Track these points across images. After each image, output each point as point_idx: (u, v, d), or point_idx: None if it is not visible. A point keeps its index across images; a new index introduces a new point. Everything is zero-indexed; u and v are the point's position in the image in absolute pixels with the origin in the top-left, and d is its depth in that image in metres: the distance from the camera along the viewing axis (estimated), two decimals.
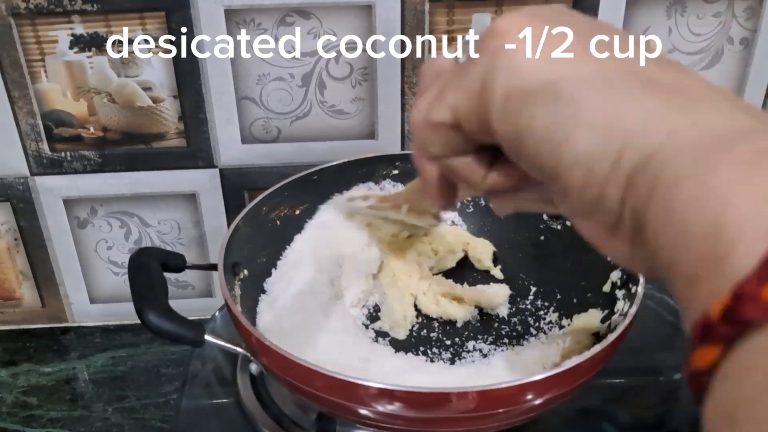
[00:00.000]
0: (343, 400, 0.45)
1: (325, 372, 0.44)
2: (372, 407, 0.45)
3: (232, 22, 0.65)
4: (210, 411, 0.61)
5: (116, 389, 0.71)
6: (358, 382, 0.44)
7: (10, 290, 0.79)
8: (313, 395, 0.47)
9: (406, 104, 0.71)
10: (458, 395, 0.43)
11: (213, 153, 0.72)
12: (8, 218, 0.74)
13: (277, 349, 0.46)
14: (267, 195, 0.63)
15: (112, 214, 0.75)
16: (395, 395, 0.43)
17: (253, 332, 0.48)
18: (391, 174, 0.68)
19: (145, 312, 0.49)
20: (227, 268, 0.55)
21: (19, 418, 0.68)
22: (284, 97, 0.69)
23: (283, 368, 0.47)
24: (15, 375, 0.73)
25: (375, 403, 0.44)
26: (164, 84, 0.68)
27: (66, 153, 0.71)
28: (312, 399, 0.48)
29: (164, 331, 0.50)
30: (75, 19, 0.64)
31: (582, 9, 0.66)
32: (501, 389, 0.43)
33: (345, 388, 0.44)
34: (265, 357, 0.48)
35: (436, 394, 0.43)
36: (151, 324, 0.49)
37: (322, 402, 0.47)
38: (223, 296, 0.52)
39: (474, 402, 0.43)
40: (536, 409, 0.46)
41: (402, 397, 0.43)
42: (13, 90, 0.67)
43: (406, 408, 0.44)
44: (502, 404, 0.44)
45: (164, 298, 0.52)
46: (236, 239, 0.58)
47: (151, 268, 0.55)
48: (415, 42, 0.67)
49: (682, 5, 0.67)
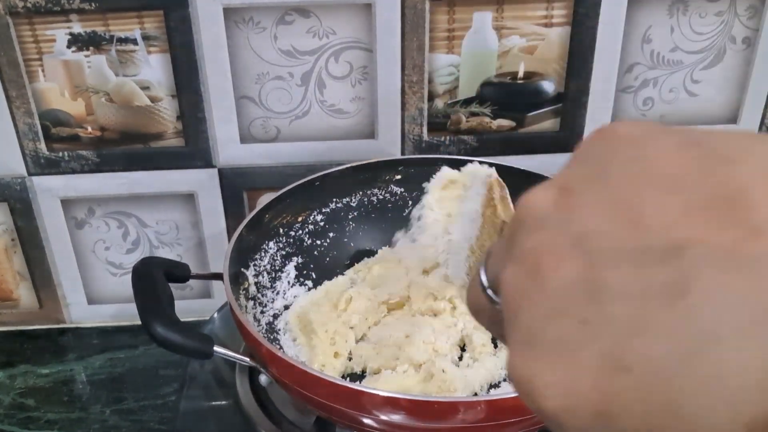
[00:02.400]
0: (354, 410, 0.44)
1: (335, 381, 0.43)
2: (387, 416, 0.44)
3: (231, 20, 0.65)
4: (208, 413, 0.61)
5: (114, 391, 0.71)
6: (370, 392, 0.43)
7: (7, 291, 0.78)
8: (325, 406, 0.46)
9: (406, 104, 0.70)
10: (466, 405, 0.42)
11: (212, 153, 0.71)
12: (5, 218, 0.73)
13: (288, 360, 0.45)
14: (270, 203, 0.63)
15: (109, 215, 0.75)
16: (400, 404, 0.43)
17: (263, 343, 0.47)
18: (394, 179, 0.67)
19: (152, 325, 0.48)
20: (232, 278, 0.54)
21: (16, 419, 0.68)
22: (283, 96, 0.69)
23: (294, 379, 0.46)
24: (12, 377, 0.73)
25: (389, 413, 0.43)
26: (162, 83, 0.68)
27: (63, 153, 0.71)
28: (323, 409, 0.47)
29: (172, 344, 0.48)
30: (73, 18, 0.64)
31: (583, 9, 0.66)
32: (510, 398, 0.42)
33: (355, 396, 0.43)
34: (275, 367, 0.47)
35: (444, 403, 0.42)
36: (158, 336, 0.48)
37: (334, 412, 0.47)
38: (230, 307, 0.51)
39: (483, 412, 0.42)
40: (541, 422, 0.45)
41: (408, 407, 0.43)
42: (11, 89, 0.67)
43: (413, 418, 0.43)
44: (512, 415, 0.43)
45: (171, 309, 0.51)
46: (240, 248, 0.58)
47: (155, 279, 0.53)
48: (416, 41, 0.67)
49: (684, 4, 0.66)
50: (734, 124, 0.73)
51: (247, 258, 0.59)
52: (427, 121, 0.71)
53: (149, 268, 0.55)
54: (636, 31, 0.68)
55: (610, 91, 0.70)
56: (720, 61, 0.70)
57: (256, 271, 0.61)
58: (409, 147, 0.72)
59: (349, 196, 0.67)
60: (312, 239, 0.67)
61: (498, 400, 0.42)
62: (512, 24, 0.67)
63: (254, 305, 0.59)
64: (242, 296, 0.57)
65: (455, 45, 0.67)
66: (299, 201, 0.65)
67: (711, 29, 0.68)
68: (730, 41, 0.69)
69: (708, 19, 0.67)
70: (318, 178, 0.65)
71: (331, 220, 0.68)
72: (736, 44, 0.69)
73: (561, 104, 0.71)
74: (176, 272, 0.58)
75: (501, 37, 0.67)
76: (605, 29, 0.67)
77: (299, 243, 0.66)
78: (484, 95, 0.70)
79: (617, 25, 0.67)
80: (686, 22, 0.67)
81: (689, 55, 0.69)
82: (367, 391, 0.43)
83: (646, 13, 0.67)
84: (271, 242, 0.63)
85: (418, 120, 0.71)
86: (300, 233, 0.66)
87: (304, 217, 0.66)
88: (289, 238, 0.65)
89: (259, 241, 0.61)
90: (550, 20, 0.67)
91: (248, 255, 0.60)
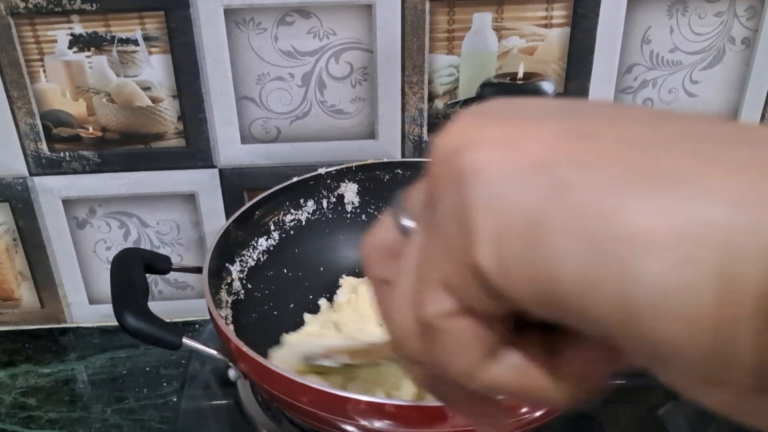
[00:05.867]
0: (326, 412, 0.44)
1: (301, 381, 0.43)
2: (357, 422, 0.44)
3: (232, 21, 0.65)
4: (209, 412, 0.61)
5: (115, 390, 0.71)
6: (341, 395, 0.42)
7: (8, 291, 0.78)
8: (290, 404, 0.46)
9: (406, 104, 0.70)
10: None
11: (212, 153, 0.72)
12: (7, 218, 0.74)
13: (255, 357, 0.45)
14: (260, 199, 0.63)
15: (111, 215, 0.75)
16: (384, 410, 0.42)
17: (231, 339, 0.47)
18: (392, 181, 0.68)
19: (123, 314, 0.49)
20: (214, 272, 0.55)
21: (17, 419, 0.68)
22: (284, 96, 0.69)
23: (261, 377, 0.46)
24: (14, 376, 0.73)
25: (361, 418, 0.43)
26: (163, 84, 0.68)
27: (65, 153, 0.71)
28: (290, 409, 0.47)
29: (141, 333, 0.49)
30: (74, 18, 0.64)
31: (583, 10, 0.66)
32: (502, 400, 0.42)
33: (329, 400, 0.43)
34: (243, 363, 0.48)
35: (429, 408, 0.42)
36: (128, 326, 0.49)
37: (303, 413, 0.46)
38: (206, 300, 0.51)
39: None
40: (536, 421, 0.45)
41: (393, 413, 0.42)
42: (12, 90, 0.67)
43: (396, 424, 0.43)
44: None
45: (143, 300, 0.52)
46: (226, 243, 0.58)
47: (133, 270, 0.54)
48: (416, 42, 0.67)
49: (684, 5, 0.67)
50: None
51: (233, 253, 0.60)
52: (428, 121, 0.71)
53: (128, 259, 0.55)
54: (635, 32, 0.68)
55: (609, 92, 0.70)
56: (719, 62, 0.70)
57: (241, 267, 0.61)
58: (409, 147, 0.73)
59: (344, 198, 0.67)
60: (303, 238, 0.67)
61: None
62: (512, 25, 0.67)
63: (237, 300, 0.60)
64: (224, 291, 0.57)
65: (455, 46, 0.68)
66: (292, 199, 0.65)
67: (710, 30, 0.68)
68: (730, 42, 0.69)
69: (707, 19, 0.67)
70: (312, 178, 0.66)
71: (324, 221, 0.68)
72: (735, 45, 0.69)
73: None
74: (157, 264, 0.58)
75: (501, 37, 0.67)
76: (605, 30, 0.67)
77: (290, 240, 0.66)
78: (484, 96, 0.70)
79: (617, 25, 0.67)
80: (686, 22, 0.67)
81: (688, 56, 0.69)
82: (341, 395, 0.42)
83: (645, 13, 0.67)
84: (261, 239, 0.64)
85: (418, 120, 0.71)
86: (291, 231, 0.66)
87: (295, 215, 0.66)
88: (281, 234, 0.65)
89: (248, 237, 0.62)
90: (550, 21, 0.67)
91: (235, 250, 0.60)
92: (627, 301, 0.15)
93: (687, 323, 0.15)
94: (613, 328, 0.16)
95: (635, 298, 0.15)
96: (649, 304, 0.15)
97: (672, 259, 0.15)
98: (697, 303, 0.15)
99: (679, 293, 0.15)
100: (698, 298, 0.15)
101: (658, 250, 0.15)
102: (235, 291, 0.60)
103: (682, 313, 0.15)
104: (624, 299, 0.15)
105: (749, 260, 0.14)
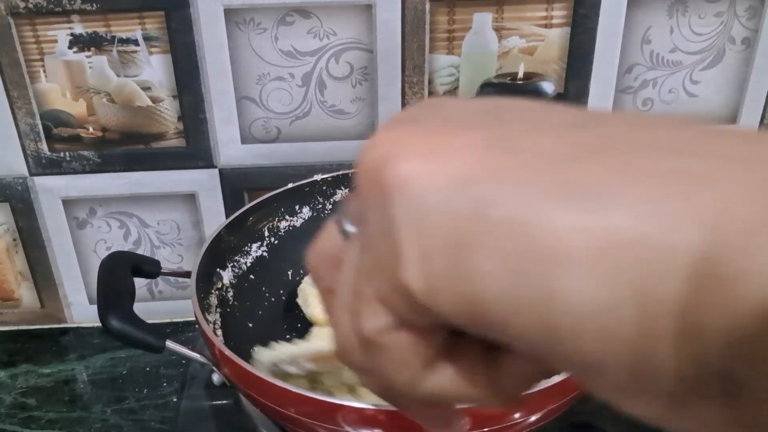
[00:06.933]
0: (307, 418, 0.44)
1: (283, 386, 0.43)
2: (339, 427, 0.43)
3: (232, 21, 0.65)
4: (209, 413, 0.61)
5: (115, 390, 0.71)
6: (325, 400, 0.42)
7: (8, 291, 0.78)
8: (273, 411, 0.46)
9: (406, 104, 0.70)
10: None
11: (212, 153, 0.72)
12: (7, 218, 0.74)
13: (237, 361, 0.45)
14: (255, 204, 0.63)
15: (111, 215, 0.75)
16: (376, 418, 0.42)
17: (215, 343, 0.47)
18: None
19: (108, 317, 0.49)
20: (203, 277, 0.55)
21: (17, 419, 0.68)
22: (284, 96, 0.69)
23: (244, 382, 0.46)
24: (14, 376, 0.73)
25: (343, 423, 0.43)
26: (163, 84, 0.68)
27: (65, 153, 0.71)
28: (274, 414, 0.47)
29: (125, 336, 0.49)
30: (74, 18, 0.64)
31: (583, 10, 0.66)
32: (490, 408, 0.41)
33: (319, 406, 0.43)
34: (226, 368, 0.48)
35: None
36: (112, 328, 0.49)
37: (287, 419, 0.46)
38: (192, 305, 0.51)
39: (467, 424, 0.41)
40: (532, 425, 0.45)
41: (384, 420, 0.42)
42: (12, 90, 0.67)
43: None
44: (495, 422, 0.42)
45: (129, 303, 0.52)
46: (218, 248, 0.58)
47: (119, 274, 0.55)
48: (416, 42, 0.67)
49: (684, 5, 0.67)
50: (734, 124, 0.73)
51: (225, 258, 0.60)
52: None
53: (116, 263, 0.56)
54: (635, 32, 0.68)
55: (609, 92, 0.70)
56: (719, 62, 0.70)
57: (233, 273, 0.61)
58: None
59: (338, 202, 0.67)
60: (296, 245, 0.67)
61: (478, 411, 0.41)
62: (512, 25, 0.67)
63: (227, 306, 0.60)
64: (213, 295, 0.57)
65: (455, 46, 0.68)
66: (287, 205, 0.65)
67: (710, 30, 0.68)
68: (730, 42, 0.69)
69: (707, 19, 0.67)
70: (307, 184, 0.66)
71: (318, 228, 0.68)
72: (735, 45, 0.69)
73: None
74: (146, 268, 0.58)
75: (501, 37, 0.67)
76: (605, 30, 0.67)
77: (283, 246, 0.66)
78: (484, 96, 0.70)
79: (617, 26, 0.67)
80: (686, 22, 0.67)
81: (689, 56, 0.69)
82: (325, 400, 0.42)
83: (645, 13, 0.67)
84: (254, 245, 0.64)
85: None
86: (286, 237, 0.66)
87: (290, 221, 0.66)
88: (274, 241, 0.65)
89: (241, 242, 0.62)
90: (550, 21, 0.67)
91: (227, 255, 0.60)
92: (548, 320, 0.15)
93: (608, 342, 0.15)
94: (537, 345, 0.16)
95: (556, 318, 0.15)
96: (570, 324, 0.15)
97: (589, 277, 0.14)
98: (616, 322, 0.14)
99: (598, 312, 0.15)
100: (617, 317, 0.14)
101: (576, 269, 0.15)
102: (225, 296, 0.60)
103: (602, 331, 0.15)
104: (545, 319, 0.15)
105: (663, 276, 0.14)
